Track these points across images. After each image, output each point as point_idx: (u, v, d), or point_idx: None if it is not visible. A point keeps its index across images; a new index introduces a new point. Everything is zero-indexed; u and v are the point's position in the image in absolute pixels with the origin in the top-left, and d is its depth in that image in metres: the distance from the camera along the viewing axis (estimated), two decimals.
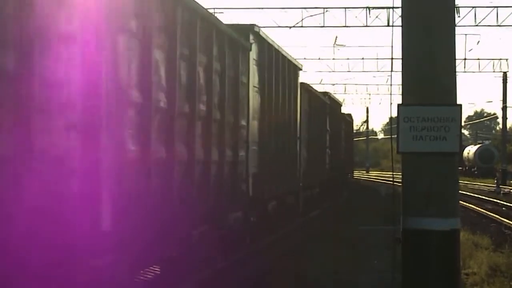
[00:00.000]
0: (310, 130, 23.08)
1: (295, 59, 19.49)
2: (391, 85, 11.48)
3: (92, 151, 7.34)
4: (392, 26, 32.79)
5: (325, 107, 27.32)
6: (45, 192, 6.62)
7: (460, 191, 8.44)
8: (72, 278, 7.02)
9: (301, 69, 20.34)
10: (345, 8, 40.00)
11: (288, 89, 18.33)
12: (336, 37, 75.71)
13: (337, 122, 32.23)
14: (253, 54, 14.82)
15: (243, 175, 13.82)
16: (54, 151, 6.80)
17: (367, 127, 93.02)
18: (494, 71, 55.14)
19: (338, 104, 33.58)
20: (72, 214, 7.07)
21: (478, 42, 61.07)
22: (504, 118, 58.28)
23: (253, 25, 14.93)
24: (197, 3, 10.58)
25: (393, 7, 36.70)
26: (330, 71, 55.04)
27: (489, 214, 25.66)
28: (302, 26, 39.79)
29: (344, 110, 42.82)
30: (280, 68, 17.34)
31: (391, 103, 10.31)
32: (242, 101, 13.52)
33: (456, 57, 7.61)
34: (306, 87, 22.09)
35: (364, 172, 79.48)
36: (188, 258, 10.80)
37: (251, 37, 14.67)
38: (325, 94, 28.69)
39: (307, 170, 22.52)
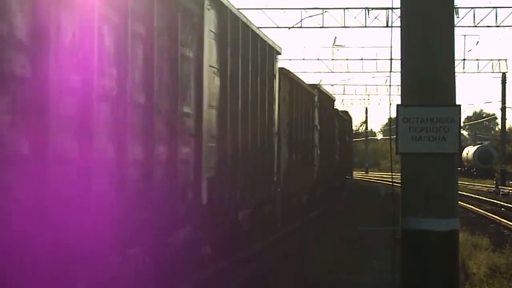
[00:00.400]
0: (292, 125, 19.03)
1: (272, 40, 15.56)
2: (390, 85, 11.56)
3: None
4: (391, 26, 30.17)
5: (313, 99, 23.08)
6: None
7: (459, 192, 8.15)
8: None
9: (279, 53, 16.18)
10: (344, 8, 38.81)
11: (261, 74, 14.34)
12: (335, 37, 72.09)
13: (329, 119, 28.01)
14: (210, 25, 11.03)
15: (189, 178, 10.06)
16: None
17: (366, 128, 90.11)
18: (493, 72, 53.70)
19: (330, 99, 29.33)
20: None
21: (477, 42, 58.96)
22: (503, 118, 57.01)
23: None
24: None
25: (392, 8, 35.39)
26: (329, 72, 52.71)
27: (488, 215, 24.78)
28: (301, 27, 38.49)
29: (343, 110, 39.92)
30: (250, 47, 13.41)
31: (390, 104, 10.39)
32: (184, 82, 9.69)
33: (455, 58, 7.34)
34: (286, 73, 17.99)
35: (363, 172, 76.97)
36: None
37: (206, 2, 10.88)
38: (314, 86, 24.51)
39: (289, 172, 18.56)
